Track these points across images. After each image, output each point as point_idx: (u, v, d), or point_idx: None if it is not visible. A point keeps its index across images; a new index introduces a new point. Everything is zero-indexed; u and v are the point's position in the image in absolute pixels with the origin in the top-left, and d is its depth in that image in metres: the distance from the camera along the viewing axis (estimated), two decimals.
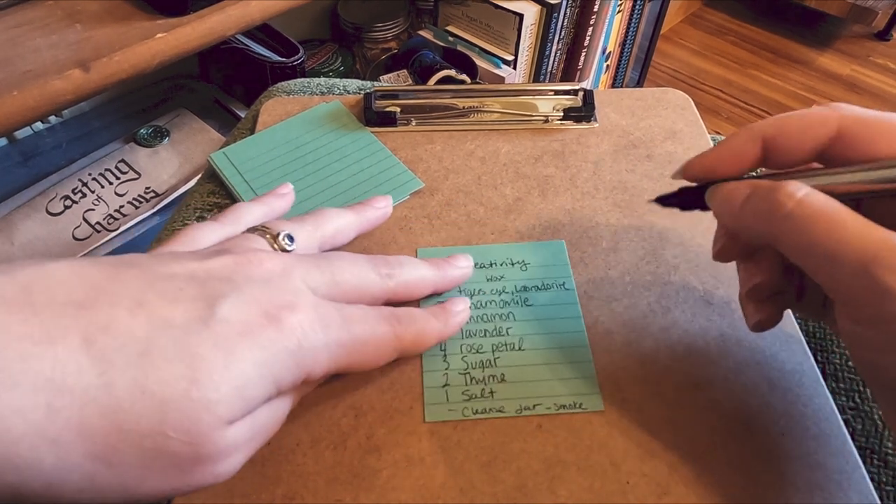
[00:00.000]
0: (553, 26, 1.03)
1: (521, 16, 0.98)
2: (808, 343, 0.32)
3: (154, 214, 0.72)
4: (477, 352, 0.31)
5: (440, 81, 0.88)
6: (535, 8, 1.00)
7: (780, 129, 0.23)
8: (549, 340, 0.31)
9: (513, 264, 0.35)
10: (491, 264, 0.35)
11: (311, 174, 0.39)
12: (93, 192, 0.74)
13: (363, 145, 0.41)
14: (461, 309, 0.31)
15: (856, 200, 0.22)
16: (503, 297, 0.33)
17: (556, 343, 0.31)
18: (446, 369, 0.30)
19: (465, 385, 0.30)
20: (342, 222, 0.33)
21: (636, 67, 1.39)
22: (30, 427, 0.17)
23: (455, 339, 0.32)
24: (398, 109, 0.43)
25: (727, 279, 0.34)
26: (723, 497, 0.26)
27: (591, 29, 1.12)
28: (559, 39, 1.09)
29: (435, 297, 0.33)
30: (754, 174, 0.25)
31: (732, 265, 0.35)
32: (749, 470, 0.27)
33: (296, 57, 0.84)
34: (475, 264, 0.35)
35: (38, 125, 0.78)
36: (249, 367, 0.21)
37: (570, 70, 1.17)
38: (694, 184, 0.27)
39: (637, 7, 1.21)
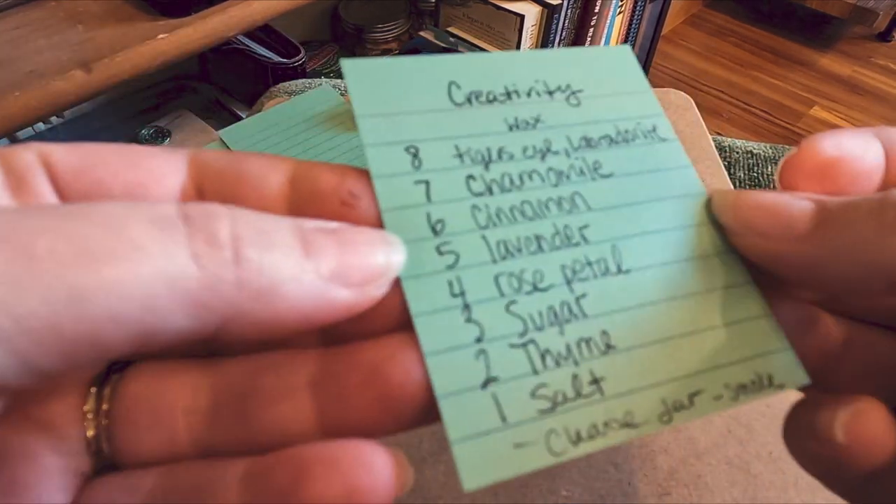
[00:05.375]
0: (554, 27, 1.03)
1: (522, 17, 0.98)
2: None
3: None
4: (536, 287, 0.15)
5: None
6: (536, 9, 1.00)
7: None
8: (669, 247, 0.16)
9: (550, 93, 0.18)
10: (509, 94, 0.17)
11: (302, 153, 0.41)
12: None
13: (353, 126, 0.43)
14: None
15: None
16: (553, 165, 0.17)
17: (684, 249, 0.17)
18: (478, 340, 0.14)
19: (533, 372, 0.14)
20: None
21: None
22: None
23: (483, 262, 0.15)
24: None
25: None
26: (724, 498, 0.26)
27: (591, 30, 1.12)
28: (560, 41, 1.09)
29: None
30: None
31: None
32: (750, 471, 0.27)
33: (297, 58, 0.84)
34: (481, 93, 0.17)
35: (40, 126, 0.78)
36: None
37: None
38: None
39: (638, 8, 1.21)
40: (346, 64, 0.16)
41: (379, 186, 0.15)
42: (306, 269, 0.12)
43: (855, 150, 0.16)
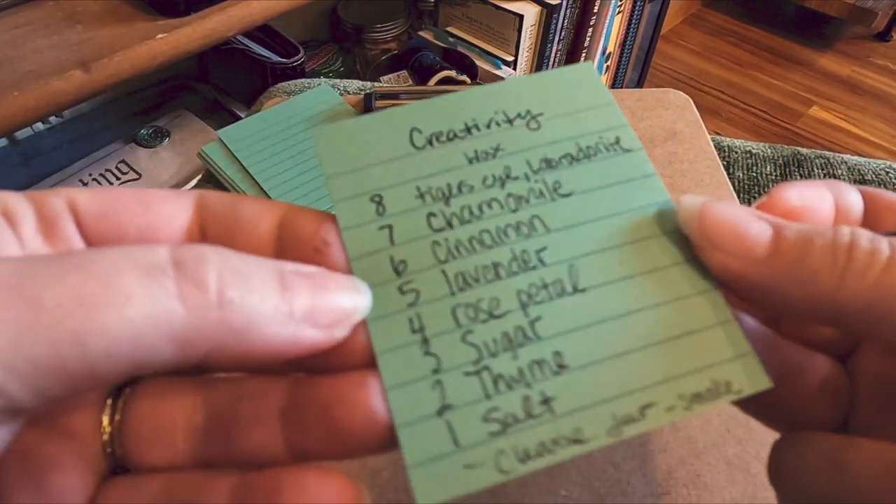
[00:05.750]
0: (553, 27, 1.03)
1: (521, 17, 0.98)
2: None
3: None
4: (491, 315, 0.16)
5: (440, 82, 0.88)
6: (536, 9, 1.00)
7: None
8: (628, 261, 0.17)
9: (510, 121, 0.18)
10: (469, 129, 0.18)
11: (301, 152, 0.41)
12: None
13: None
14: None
15: None
16: (512, 190, 0.17)
17: (643, 262, 0.17)
18: (434, 371, 0.15)
19: (486, 397, 0.15)
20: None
21: (636, 68, 1.39)
22: None
23: (441, 297, 0.16)
24: None
25: None
26: (723, 497, 0.26)
27: (590, 30, 1.12)
28: (559, 40, 1.09)
29: None
30: None
31: None
32: (749, 470, 0.27)
33: (296, 57, 0.84)
34: (441, 134, 0.18)
35: (39, 126, 0.78)
36: None
37: None
38: None
39: (637, 8, 1.21)
40: (316, 133, 0.17)
41: (346, 237, 0.16)
42: (281, 309, 0.13)
43: (815, 201, 0.17)
